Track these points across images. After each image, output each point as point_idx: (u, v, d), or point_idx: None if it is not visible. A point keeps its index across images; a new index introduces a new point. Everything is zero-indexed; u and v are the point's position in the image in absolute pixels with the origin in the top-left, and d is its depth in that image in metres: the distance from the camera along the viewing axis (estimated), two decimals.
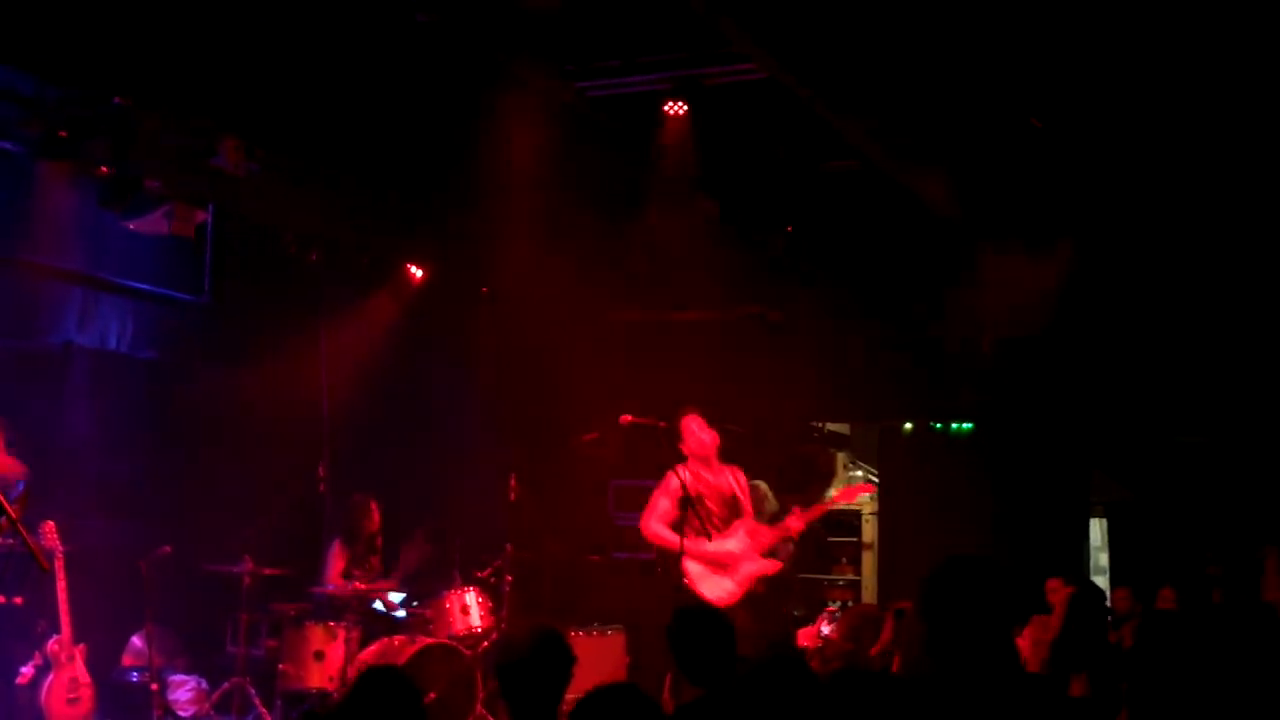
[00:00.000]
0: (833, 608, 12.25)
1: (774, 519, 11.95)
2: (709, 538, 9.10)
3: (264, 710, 9.13)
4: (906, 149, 9.81)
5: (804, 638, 9.73)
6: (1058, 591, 8.24)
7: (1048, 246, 10.90)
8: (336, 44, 8.27)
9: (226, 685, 9.24)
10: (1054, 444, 12.32)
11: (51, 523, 8.07)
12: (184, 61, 8.02)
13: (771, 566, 9.41)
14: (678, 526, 8.92)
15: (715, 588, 9.06)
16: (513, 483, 10.33)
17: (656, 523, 9.21)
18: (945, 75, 8.71)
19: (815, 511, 9.67)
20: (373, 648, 9.35)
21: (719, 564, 9.13)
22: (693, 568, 9.02)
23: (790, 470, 13.13)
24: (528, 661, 4.55)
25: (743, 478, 9.60)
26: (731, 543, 9.20)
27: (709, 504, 9.26)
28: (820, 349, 11.99)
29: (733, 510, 9.38)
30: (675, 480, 9.04)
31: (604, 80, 9.42)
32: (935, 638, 3.73)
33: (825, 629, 9.43)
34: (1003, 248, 11.05)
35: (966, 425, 12.73)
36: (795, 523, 9.42)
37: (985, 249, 11.12)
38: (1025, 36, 8.23)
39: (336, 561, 9.86)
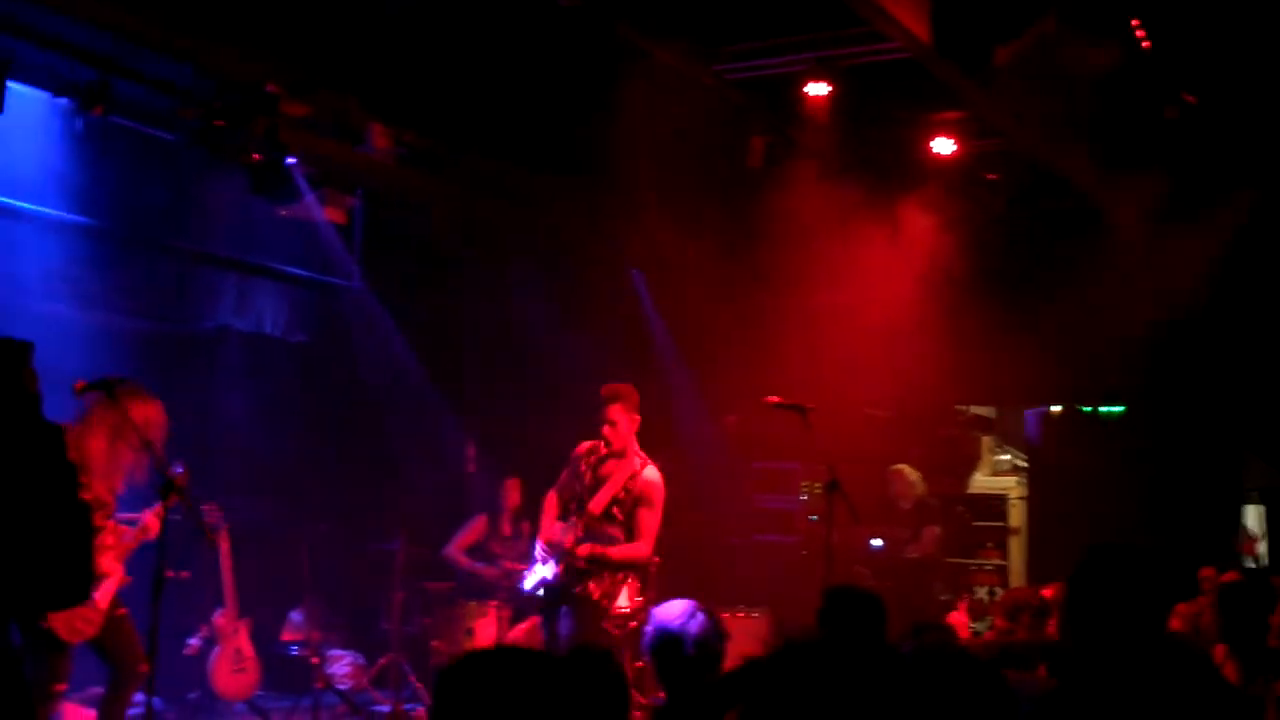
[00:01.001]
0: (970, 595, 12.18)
1: (920, 507, 11.90)
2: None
3: (419, 685, 9.32)
4: (1056, 128, 9.68)
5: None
6: (1211, 580, 8.08)
7: (1201, 227, 10.67)
8: (480, 28, 8.39)
9: (383, 660, 9.46)
10: (1206, 427, 12.04)
11: (214, 502, 8.33)
12: (333, 50, 8.22)
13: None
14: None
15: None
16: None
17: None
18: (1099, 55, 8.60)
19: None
20: (522, 626, 9.49)
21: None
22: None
23: (935, 454, 13.05)
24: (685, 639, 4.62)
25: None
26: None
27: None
28: (966, 331, 11.85)
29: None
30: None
31: (743, 63, 9.43)
32: (1085, 628, 3.67)
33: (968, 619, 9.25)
34: (1154, 227, 10.85)
35: (1117, 408, 12.49)
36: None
37: (1137, 229, 10.92)
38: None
39: (466, 535, 10.00)
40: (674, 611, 4.87)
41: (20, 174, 8.36)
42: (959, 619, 9.73)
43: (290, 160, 8.57)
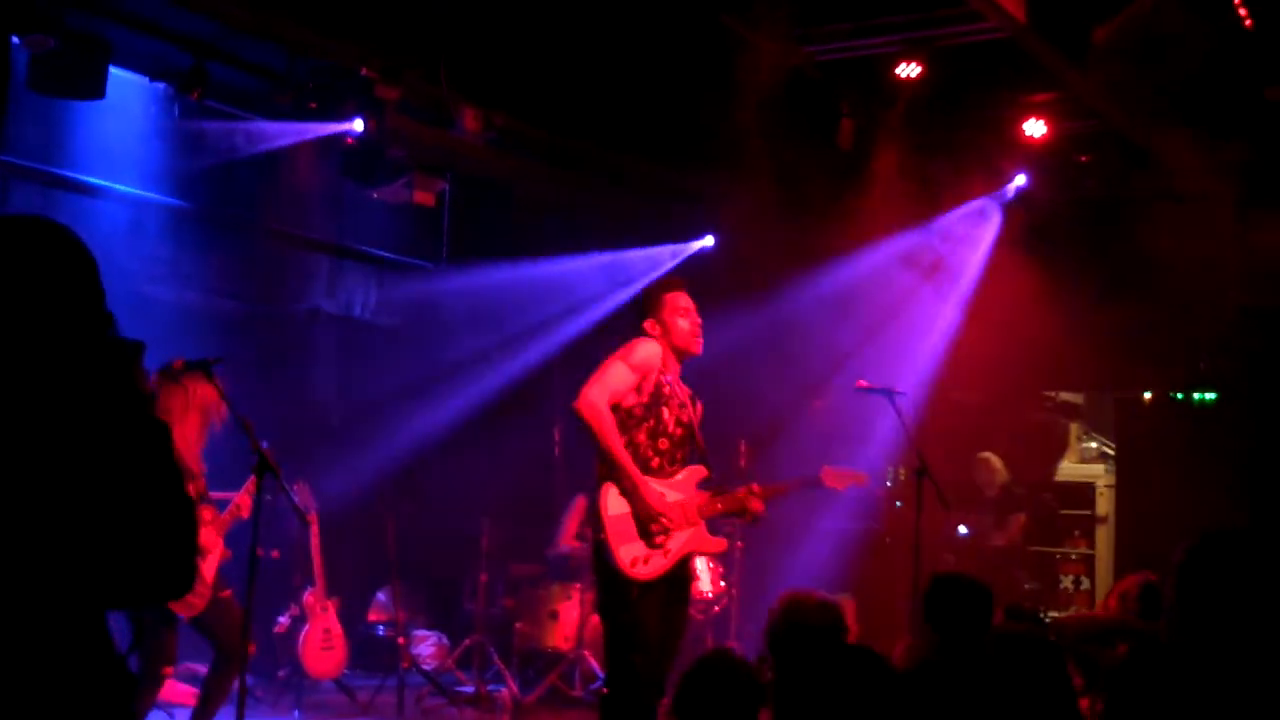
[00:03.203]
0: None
1: (1005, 494, 11.78)
2: (651, 470, 6.16)
3: (502, 667, 9.36)
4: (1153, 109, 9.52)
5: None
6: None
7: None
8: (569, 11, 8.39)
9: (467, 642, 9.50)
10: None
11: (304, 482, 8.40)
12: (425, 32, 8.24)
13: (718, 545, 6.68)
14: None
15: (635, 554, 6.00)
16: (742, 448, 10.32)
17: (607, 401, 6.03)
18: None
19: (772, 491, 6.61)
20: None
21: (652, 520, 6.01)
22: (614, 505, 6.01)
23: (1022, 441, 12.90)
24: (811, 629, 4.59)
25: (700, 411, 6.55)
26: (672, 494, 6.19)
27: (665, 413, 6.22)
28: (1055, 315, 11.70)
29: (686, 442, 6.34)
30: (649, 351, 6.19)
31: (835, 43, 9.35)
32: (1192, 616, 3.59)
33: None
34: (1248, 214, 10.64)
35: (1210, 395, 12.27)
36: (755, 503, 6.40)
37: (1230, 215, 10.72)
38: None
39: (573, 520, 10.02)
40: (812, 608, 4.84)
41: (119, 157, 8.47)
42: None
43: (382, 143, 8.62)
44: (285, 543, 8.43)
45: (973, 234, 11.71)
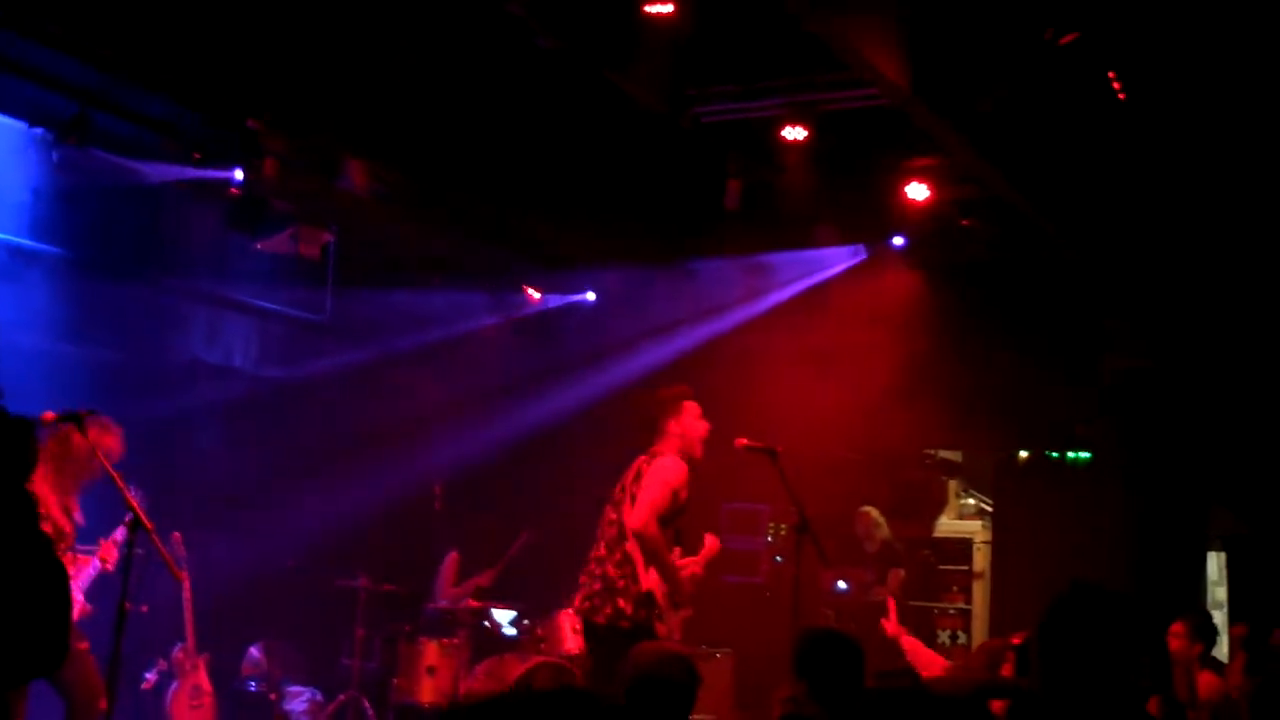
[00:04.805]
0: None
1: (885, 550, 11.92)
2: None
3: None
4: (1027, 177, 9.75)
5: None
6: (1181, 636, 8.05)
7: (1169, 276, 10.75)
8: (460, 70, 8.42)
9: (342, 697, 9.39)
10: (1172, 476, 12.09)
11: (178, 534, 8.27)
12: (313, 86, 8.21)
13: (687, 613, 7.67)
14: None
15: (664, 630, 7.29)
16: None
17: (656, 525, 7.21)
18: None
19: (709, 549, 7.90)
20: (484, 665, 9.43)
21: (680, 600, 7.43)
22: (660, 595, 7.27)
23: (902, 497, 13.07)
24: (659, 681, 4.59)
25: None
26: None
27: (683, 518, 7.54)
28: (935, 376, 11.89)
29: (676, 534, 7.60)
30: (683, 472, 7.36)
31: (720, 105, 9.46)
32: (1053, 668, 3.68)
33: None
34: (1123, 279, 10.92)
35: (1084, 455, 12.54)
36: (696, 567, 7.75)
37: (1105, 280, 11.00)
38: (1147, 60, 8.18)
39: (449, 574, 9.96)
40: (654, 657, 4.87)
41: None
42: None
43: (267, 195, 8.56)
44: (155, 597, 8.26)
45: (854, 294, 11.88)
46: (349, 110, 8.51)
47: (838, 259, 11.79)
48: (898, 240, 11.52)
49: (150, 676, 8.62)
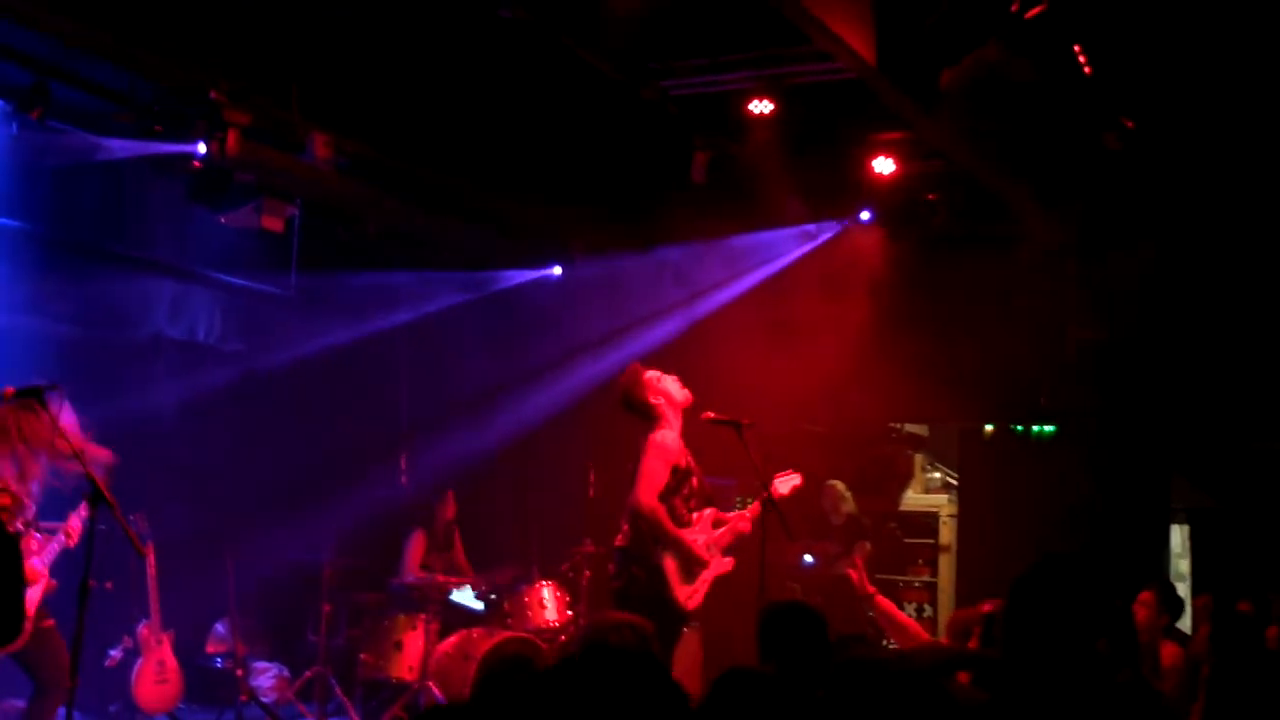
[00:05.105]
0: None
1: (851, 524, 11.95)
2: (685, 525, 7.79)
3: (345, 698, 9.24)
4: (993, 152, 9.75)
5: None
6: (1149, 605, 8.10)
7: (1131, 249, 10.79)
8: (423, 41, 8.35)
9: (308, 673, 9.37)
10: (1136, 448, 12.17)
11: (142, 511, 8.22)
12: (276, 57, 8.14)
13: (728, 565, 8.07)
14: None
15: (688, 592, 7.73)
16: (591, 478, 10.35)
17: (655, 498, 7.62)
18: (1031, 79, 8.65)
19: (752, 513, 8.19)
20: (451, 639, 9.42)
21: (695, 564, 7.77)
22: (669, 564, 7.64)
23: (868, 471, 13.10)
24: (609, 649, 4.58)
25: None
26: (700, 537, 7.88)
27: (694, 481, 7.93)
28: (901, 350, 11.92)
29: (703, 494, 8.04)
30: (669, 442, 7.79)
31: (687, 78, 9.43)
32: (1019, 635, 3.70)
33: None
34: (1086, 249, 10.96)
35: (1049, 428, 12.60)
36: (743, 523, 8.11)
37: (1069, 250, 11.03)
38: (1112, 35, 8.18)
39: (416, 552, 9.95)
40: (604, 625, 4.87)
41: None
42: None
43: (230, 168, 8.48)
44: (120, 574, 8.20)
45: (821, 267, 11.88)
46: (312, 82, 8.44)
47: (803, 234, 11.79)
48: (865, 215, 11.52)
49: (115, 654, 8.57)
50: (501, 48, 8.61)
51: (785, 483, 8.32)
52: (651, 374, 8.00)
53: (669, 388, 7.97)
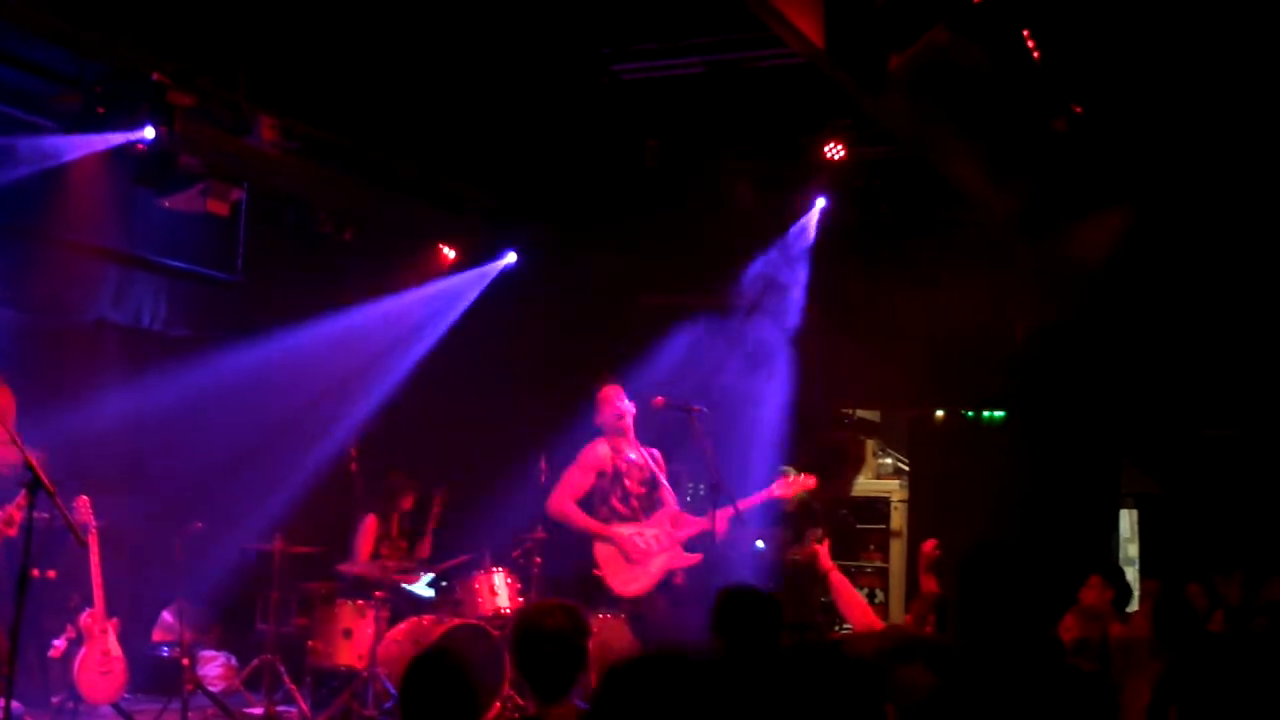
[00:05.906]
0: None
1: (803, 509, 11.94)
2: (626, 521, 8.92)
3: (293, 687, 9.15)
4: (941, 137, 9.75)
5: None
6: (1097, 589, 8.14)
7: (1082, 234, 10.84)
8: (371, 21, 8.27)
9: (256, 662, 9.28)
10: (1085, 434, 12.25)
11: (85, 498, 8.11)
12: (222, 38, 8.03)
13: (689, 560, 8.95)
14: (586, 506, 8.89)
15: (625, 579, 8.80)
16: (543, 465, 10.29)
17: (569, 500, 8.89)
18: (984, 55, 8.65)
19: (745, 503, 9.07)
20: (401, 627, 9.35)
21: (632, 553, 8.85)
22: (602, 553, 8.82)
23: (819, 457, 13.11)
24: (546, 635, 4.56)
25: (661, 460, 9.29)
26: (650, 531, 8.93)
27: (628, 483, 8.98)
28: (851, 335, 11.93)
29: (651, 493, 9.07)
30: (598, 453, 8.93)
31: (640, 63, 9.39)
32: (967, 621, 3.71)
33: None
34: (1037, 234, 10.99)
35: (998, 413, 12.67)
36: (719, 525, 8.72)
37: (1019, 235, 11.07)
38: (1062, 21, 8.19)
39: (367, 540, 9.88)
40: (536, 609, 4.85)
41: None
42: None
43: (175, 150, 8.36)
44: (63, 562, 8.11)
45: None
46: (259, 63, 8.33)
47: None
48: (820, 202, 11.52)
49: (59, 643, 8.44)
50: (452, 29, 8.53)
51: (792, 485, 9.33)
52: (612, 395, 9.06)
53: (608, 420, 9.01)
